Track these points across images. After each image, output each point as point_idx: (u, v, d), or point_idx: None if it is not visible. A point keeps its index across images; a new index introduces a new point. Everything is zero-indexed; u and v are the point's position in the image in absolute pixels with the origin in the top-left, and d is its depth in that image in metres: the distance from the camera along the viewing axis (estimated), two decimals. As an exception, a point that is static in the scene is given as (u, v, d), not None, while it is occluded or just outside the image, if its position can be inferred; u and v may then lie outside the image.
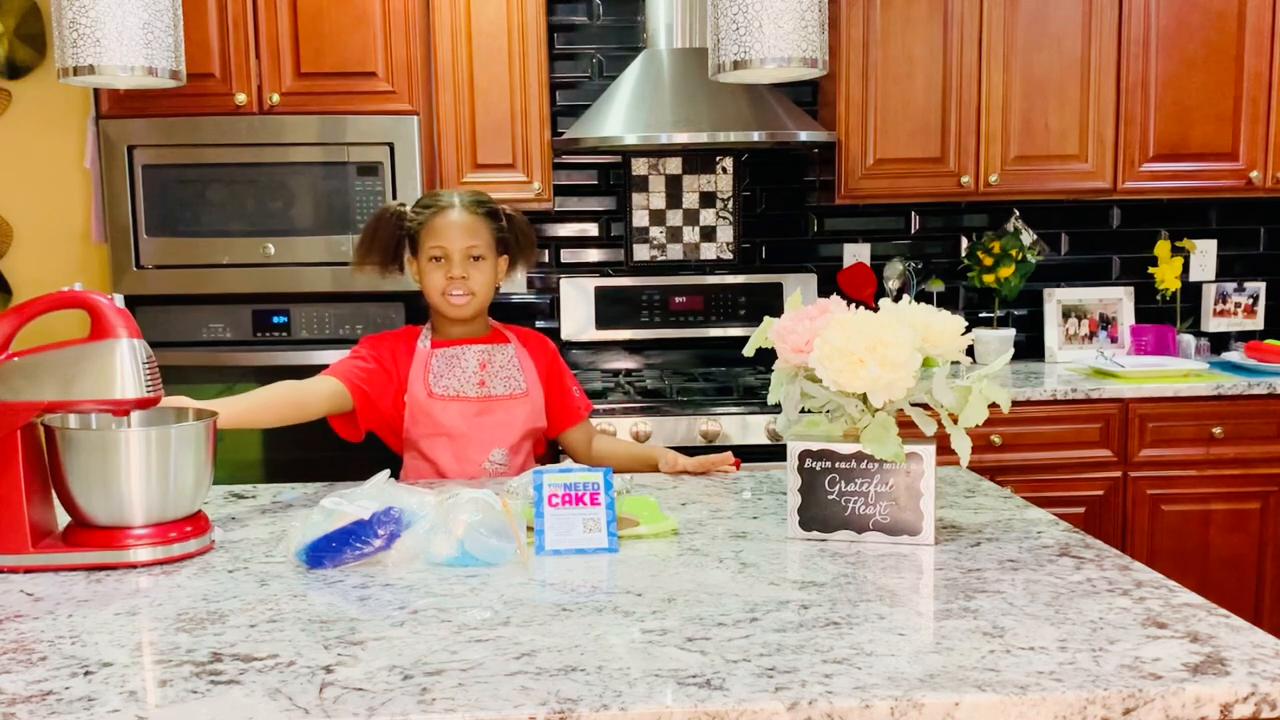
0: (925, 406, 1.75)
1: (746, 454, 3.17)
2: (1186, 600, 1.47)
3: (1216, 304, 4.01)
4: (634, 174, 3.90)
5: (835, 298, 1.81)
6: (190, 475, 1.74)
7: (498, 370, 2.37)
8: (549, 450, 2.54)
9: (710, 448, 3.20)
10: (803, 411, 1.83)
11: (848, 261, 3.95)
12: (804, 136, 3.42)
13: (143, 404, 1.71)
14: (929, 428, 1.74)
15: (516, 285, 2.73)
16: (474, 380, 2.35)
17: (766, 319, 1.83)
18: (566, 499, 1.76)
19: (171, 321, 3.24)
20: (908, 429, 1.73)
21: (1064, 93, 3.59)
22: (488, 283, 2.35)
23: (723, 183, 3.92)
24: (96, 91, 3.25)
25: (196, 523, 1.77)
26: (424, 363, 2.35)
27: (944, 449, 1.73)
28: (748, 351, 1.88)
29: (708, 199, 3.92)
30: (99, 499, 1.70)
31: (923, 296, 3.85)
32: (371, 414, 2.34)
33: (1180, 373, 3.50)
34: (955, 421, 1.72)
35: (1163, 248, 3.90)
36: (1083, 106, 3.59)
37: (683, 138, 3.36)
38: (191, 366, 3.22)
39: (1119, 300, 3.96)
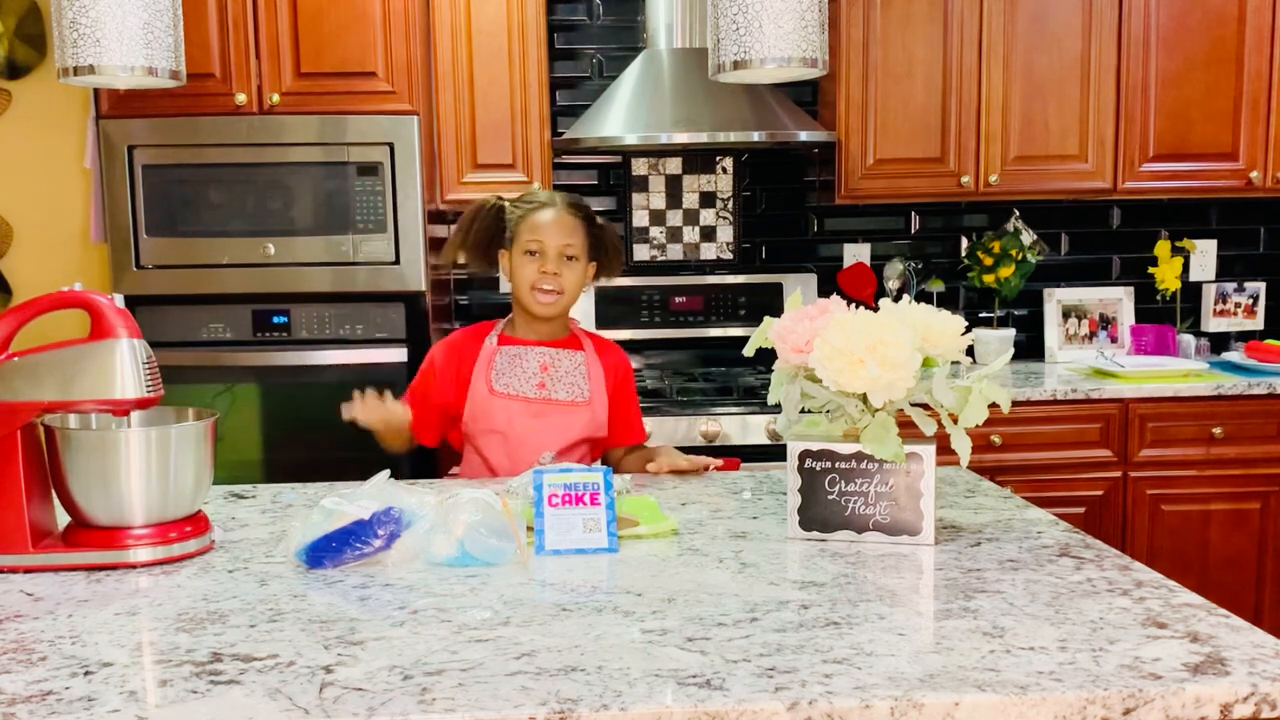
0: (925, 406, 1.75)
1: (746, 454, 3.18)
2: (1186, 600, 1.47)
3: (1216, 304, 4.01)
4: (634, 174, 3.90)
5: (835, 298, 1.81)
6: (190, 475, 1.74)
7: (562, 375, 2.38)
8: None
9: (710, 448, 3.20)
10: (803, 411, 1.83)
11: (848, 261, 3.95)
12: (804, 136, 3.42)
13: (143, 404, 1.71)
14: (929, 428, 1.74)
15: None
16: (534, 381, 2.36)
17: (766, 319, 1.83)
18: (566, 499, 1.76)
19: (171, 321, 3.24)
20: (908, 429, 1.73)
21: (1064, 93, 3.59)
22: (577, 284, 2.37)
23: (723, 183, 3.92)
24: (96, 91, 3.25)
25: (196, 523, 1.77)
26: (488, 359, 2.37)
27: (944, 449, 1.73)
28: (748, 351, 1.88)
29: (708, 199, 3.92)
30: (99, 499, 1.70)
31: (923, 296, 3.85)
32: (441, 421, 2.43)
33: (1180, 373, 3.50)
34: (955, 421, 1.72)
35: (1163, 248, 3.90)
36: (1083, 106, 3.59)
37: (683, 138, 3.36)
38: (191, 366, 3.22)
39: (1119, 300, 3.96)
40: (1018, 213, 3.91)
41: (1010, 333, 3.84)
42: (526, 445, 2.32)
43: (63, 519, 1.77)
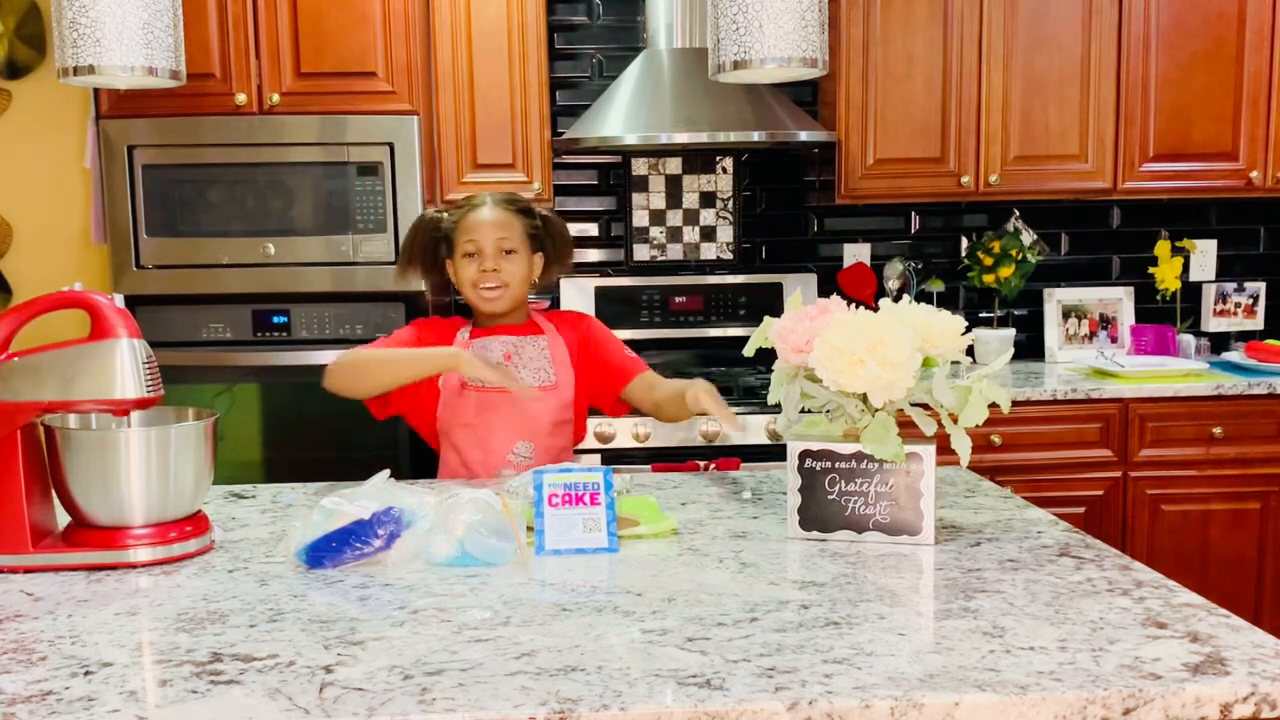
0: (925, 406, 1.75)
1: (746, 454, 3.18)
2: (1186, 600, 1.47)
3: (1216, 304, 4.01)
4: (634, 174, 3.90)
5: (835, 298, 1.81)
6: (190, 475, 1.74)
7: (526, 362, 2.38)
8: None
9: (710, 448, 3.20)
10: (803, 411, 1.83)
11: (848, 261, 3.95)
12: (804, 136, 3.42)
13: (143, 404, 1.71)
14: (929, 428, 1.74)
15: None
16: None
17: (766, 319, 1.83)
18: (566, 499, 1.76)
19: (171, 321, 3.24)
20: (908, 429, 1.73)
21: (1064, 93, 3.59)
22: (521, 276, 2.37)
23: (723, 183, 3.92)
24: (96, 91, 3.25)
25: (196, 523, 1.78)
26: None
27: (944, 449, 1.73)
28: (748, 351, 1.88)
29: (708, 199, 3.92)
30: (99, 499, 1.70)
31: (923, 296, 3.84)
32: (401, 396, 2.35)
33: (1180, 373, 3.50)
34: (955, 421, 1.72)
35: (1163, 248, 3.90)
36: (1083, 106, 3.59)
37: (683, 138, 3.36)
38: (191, 366, 3.22)
39: (1119, 300, 3.96)
40: (1018, 213, 3.91)
41: (1010, 333, 3.84)
42: (496, 435, 2.33)
43: (63, 519, 1.77)
